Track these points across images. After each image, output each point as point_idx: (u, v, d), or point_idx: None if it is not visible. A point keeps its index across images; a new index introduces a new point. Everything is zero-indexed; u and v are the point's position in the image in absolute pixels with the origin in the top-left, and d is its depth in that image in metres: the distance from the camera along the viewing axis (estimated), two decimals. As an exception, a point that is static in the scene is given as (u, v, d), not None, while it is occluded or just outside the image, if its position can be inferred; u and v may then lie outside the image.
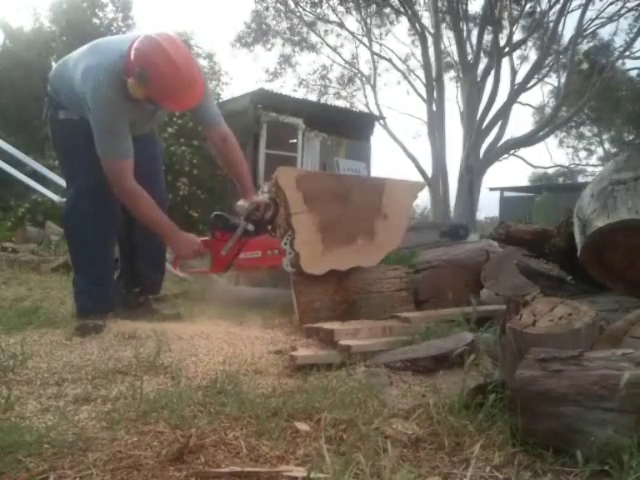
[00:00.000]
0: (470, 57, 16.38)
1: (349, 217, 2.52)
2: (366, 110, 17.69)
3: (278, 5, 18.40)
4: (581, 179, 21.96)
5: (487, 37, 16.51)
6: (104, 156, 2.18)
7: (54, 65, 2.44)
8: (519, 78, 16.71)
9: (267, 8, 18.43)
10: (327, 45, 19.50)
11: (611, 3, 15.89)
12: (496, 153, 16.70)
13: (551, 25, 16.12)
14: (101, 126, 2.16)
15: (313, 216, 2.45)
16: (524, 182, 25.40)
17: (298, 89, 20.45)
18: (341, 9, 18.04)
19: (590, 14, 16.00)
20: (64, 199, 4.77)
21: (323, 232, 2.46)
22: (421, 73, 17.58)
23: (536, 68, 16.71)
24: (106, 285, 2.35)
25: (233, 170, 2.55)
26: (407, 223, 2.87)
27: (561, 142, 23.94)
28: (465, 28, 16.33)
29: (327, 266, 2.46)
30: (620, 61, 17.42)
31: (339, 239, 2.49)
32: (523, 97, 18.13)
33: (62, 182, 4.77)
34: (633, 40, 16.34)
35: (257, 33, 19.43)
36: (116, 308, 2.40)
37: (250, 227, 2.40)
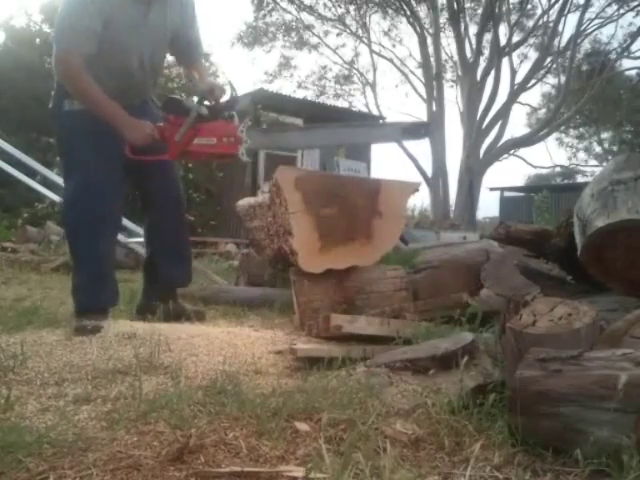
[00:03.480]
0: (470, 57, 16.39)
1: (346, 217, 2.53)
2: (366, 110, 17.71)
3: (278, 6, 18.45)
4: (580, 179, 21.97)
5: (487, 37, 16.53)
6: (60, 44, 2.14)
7: None
8: (519, 78, 16.73)
9: (265, 14, 18.47)
10: (327, 46, 19.54)
11: (610, 3, 15.92)
12: (496, 153, 16.71)
13: (551, 25, 16.14)
14: (70, 13, 2.12)
15: (311, 216, 2.46)
16: (524, 182, 25.43)
17: (297, 90, 20.49)
18: (341, 10, 18.08)
19: (590, 14, 16.02)
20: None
21: (321, 231, 2.47)
22: (421, 73, 17.61)
23: (536, 68, 16.72)
24: (106, 282, 2.32)
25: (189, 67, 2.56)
26: (403, 223, 2.89)
27: (561, 142, 23.95)
28: (464, 26, 16.34)
29: (325, 265, 2.47)
30: (619, 61, 17.44)
31: (337, 239, 2.51)
32: (523, 97, 18.16)
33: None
34: (633, 40, 16.36)
35: (258, 32, 19.44)
36: (115, 305, 2.39)
37: (204, 111, 2.27)
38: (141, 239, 3.00)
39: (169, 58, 2.81)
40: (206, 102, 2.28)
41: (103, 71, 2.20)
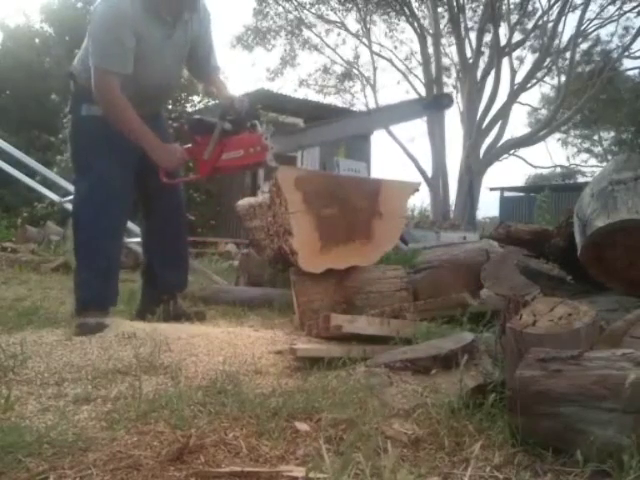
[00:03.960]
0: (470, 57, 16.39)
1: (347, 217, 2.53)
2: (365, 110, 17.70)
3: (279, 6, 18.49)
4: (580, 179, 21.97)
5: (487, 38, 16.53)
6: (99, 63, 2.15)
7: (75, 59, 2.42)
8: (519, 78, 16.74)
9: (266, 14, 18.51)
10: (327, 46, 19.56)
11: (610, 3, 15.93)
12: (496, 153, 16.71)
13: (550, 25, 16.15)
14: (107, 34, 2.14)
15: (311, 216, 2.46)
16: (524, 182, 25.44)
17: (298, 89, 20.54)
18: (341, 9, 18.10)
19: (590, 13, 16.04)
20: (64, 199, 4.79)
21: (321, 231, 2.47)
22: (420, 73, 17.63)
23: (536, 68, 16.72)
24: (110, 281, 2.32)
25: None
26: (403, 223, 2.90)
27: (563, 142, 23.96)
28: (464, 26, 16.35)
29: (325, 265, 2.47)
30: (620, 61, 17.45)
31: (337, 238, 2.51)
32: (523, 97, 18.17)
33: (62, 182, 4.78)
34: (632, 40, 16.36)
35: (258, 33, 19.48)
36: (114, 305, 2.39)
37: (228, 126, 2.33)
38: (139, 239, 3.01)
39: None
40: (228, 117, 2.33)
41: (128, 87, 2.21)
